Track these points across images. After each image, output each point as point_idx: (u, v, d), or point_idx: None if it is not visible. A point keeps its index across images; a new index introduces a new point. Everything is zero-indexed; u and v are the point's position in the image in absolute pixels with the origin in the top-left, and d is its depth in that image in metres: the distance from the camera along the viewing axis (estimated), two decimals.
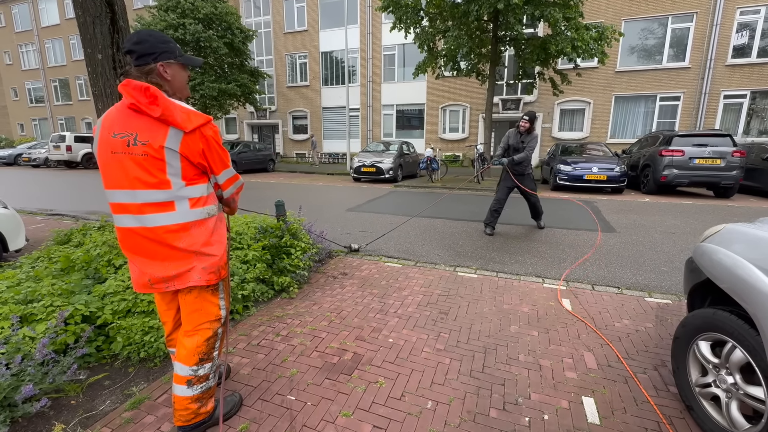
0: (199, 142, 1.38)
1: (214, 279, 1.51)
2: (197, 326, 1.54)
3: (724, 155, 8.68)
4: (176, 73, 1.44)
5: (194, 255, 1.46)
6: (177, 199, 1.40)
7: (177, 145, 1.34)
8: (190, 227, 1.44)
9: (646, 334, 2.56)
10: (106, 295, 2.45)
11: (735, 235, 1.73)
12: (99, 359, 2.23)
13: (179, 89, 1.47)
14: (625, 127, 16.81)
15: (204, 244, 1.47)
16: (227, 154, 1.52)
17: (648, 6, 15.63)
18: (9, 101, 32.92)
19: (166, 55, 1.38)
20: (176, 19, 14.96)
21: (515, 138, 5.14)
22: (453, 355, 2.29)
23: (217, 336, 1.58)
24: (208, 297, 1.55)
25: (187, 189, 1.42)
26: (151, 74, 1.36)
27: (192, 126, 1.35)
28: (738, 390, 1.54)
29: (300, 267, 3.31)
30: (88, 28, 2.91)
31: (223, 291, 1.61)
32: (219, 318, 1.58)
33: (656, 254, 4.38)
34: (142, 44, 1.35)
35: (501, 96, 17.87)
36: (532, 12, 10.08)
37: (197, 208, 1.45)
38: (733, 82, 15.02)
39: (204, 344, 1.53)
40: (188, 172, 1.41)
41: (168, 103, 1.34)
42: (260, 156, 16.84)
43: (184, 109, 1.37)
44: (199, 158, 1.41)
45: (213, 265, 1.50)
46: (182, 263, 1.44)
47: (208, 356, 1.55)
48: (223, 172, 1.52)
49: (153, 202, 1.37)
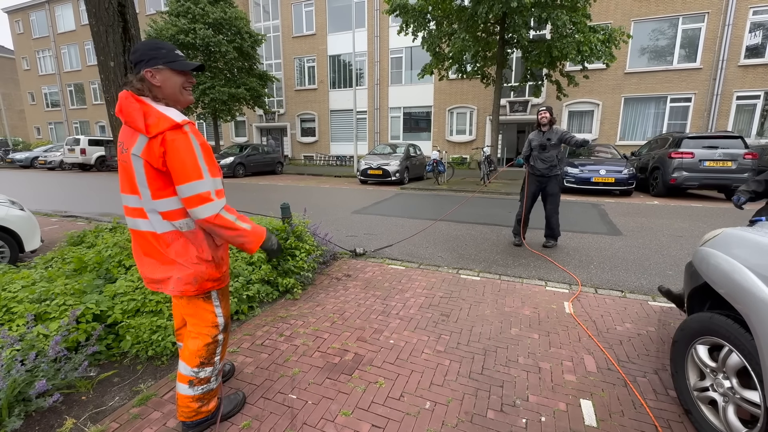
0: (162, 145, 1.31)
1: (190, 291, 1.49)
2: (197, 331, 1.59)
3: (736, 157, 8.55)
4: (167, 79, 1.41)
5: (174, 264, 1.47)
6: (147, 208, 1.42)
7: (140, 150, 1.33)
8: (167, 237, 1.45)
9: (647, 338, 2.55)
10: (117, 294, 2.53)
11: (733, 240, 1.74)
12: (109, 357, 2.31)
13: (171, 95, 1.44)
14: (634, 129, 16.61)
15: (179, 255, 1.46)
16: (198, 165, 1.36)
17: (658, 7, 15.46)
18: (26, 105, 33.82)
19: (153, 61, 1.38)
20: (187, 24, 15.25)
21: (538, 136, 4.61)
22: (453, 357, 2.32)
23: (217, 342, 1.61)
24: (201, 304, 1.56)
25: (154, 202, 1.40)
26: (143, 81, 1.39)
27: (156, 130, 1.30)
28: (735, 394, 1.54)
29: (304, 269, 3.37)
30: (101, 37, 3.02)
31: (219, 300, 1.61)
32: (216, 325, 1.60)
33: (662, 258, 4.35)
34: (135, 53, 1.40)
35: (508, 98, 17.81)
36: (539, 14, 10.06)
37: (169, 220, 1.43)
38: (747, 83, 14.76)
39: (204, 349, 1.57)
40: (155, 182, 1.36)
41: (131, 108, 1.33)
42: (268, 159, 17.02)
43: (158, 113, 1.33)
44: (160, 163, 1.33)
45: (188, 277, 1.46)
46: (165, 269, 1.48)
47: (209, 361, 1.59)
48: (187, 184, 1.34)
49: (135, 207, 1.45)
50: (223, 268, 1.59)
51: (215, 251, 1.55)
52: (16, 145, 28.98)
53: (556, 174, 4.59)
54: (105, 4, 2.94)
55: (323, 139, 23.07)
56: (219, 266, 1.56)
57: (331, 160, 22.54)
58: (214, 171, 1.43)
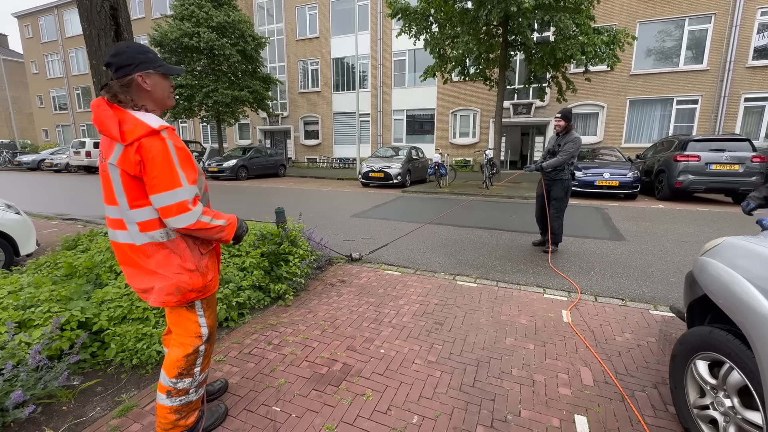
0: (138, 152, 1.28)
1: (171, 301, 1.46)
2: (180, 339, 1.55)
3: (743, 160, 8.38)
4: (157, 83, 1.41)
5: (155, 274, 1.43)
6: (126, 219, 1.39)
7: (117, 159, 1.30)
8: (146, 249, 1.41)
9: (648, 349, 2.47)
10: (104, 301, 2.49)
11: (734, 250, 1.65)
12: (93, 365, 2.26)
13: (161, 99, 1.45)
14: (640, 132, 16.42)
15: (161, 266, 1.43)
16: (175, 173, 1.32)
17: (664, 8, 15.29)
18: (35, 108, 34.27)
19: (144, 65, 1.37)
20: (191, 28, 15.34)
21: (552, 141, 4.64)
22: (444, 368, 2.25)
23: (198, 353, 1.56)
24: (184, 313, 1.54)
25: (131, 212, 1.36)
26: (129, 86, 1.36)
27: (132, 137, 1.27)
28: (736, 414, 1.46)
29: (297, 274, 3.31)
30: (94, 41, 3.00)
31: (203, 309, 1.57)
32: (200, 335, 1.56)
33: (666, 264, 4.24)
34: (119, 56, 1.35)
35: (512, 101, 17.70)
36: (542, 17, 9.98)
37: (147, 231, 1.39)
38: (755, 84, 14.53)
39: (183, 359, 1.53)
40: (132, 191, 1.34)
41: (105, 116, 1.30)
42: (272, 161, 17.04)
43: (134, 120, 1.30)
44: (137, 171, 1.29)
45: (169, 287, 1.43)
46: (147, 279, 1.45)
47: (188, 372, 1.55)
48: (163, 194, 1.30)
49: (115, 218, 1.42)
50: (208, 277, 1.54)
51: (200, 260, 1.50)
52: (24, 148, 29.36)
53: (561, 178, 4.52)
54: (97, 7, 2.93)
55: (326, 142, 23.09)
56: (204, 275, 1.51)
57: (334, 163, 22.55)
58: (191, 177, 1.39)
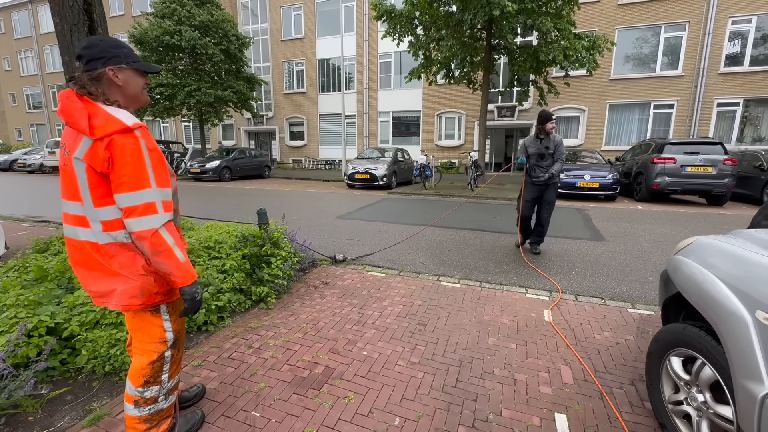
0: (108, 149, 1.22)
1: (135, 304, 1.37)
2: (142, 346, 1.48)
3: (716, 163, 8.69)
4: (129, 79, 1.36)
5: (117, 276, 1.36)
6: (90, 217, 1.32)
7: (83, 153, 1.24)
8: (109, 248, 1.34)
9: (626, 347, 2.52)
10: (75, 305, 2.40)
11: (706, 249, 1.70)
12: (63, 373, 2.17)
13: (133, 95, 1.39)
14: (619, 135, 16.87)
15: (124, 267, 1.35)
16: (146, 173, 1.26)
17: (641, 15, 15.77)
18: (7, 107, 32.95)
19: (117, 59, 1.32)
20: (172, 26, 15.03)
21: (535, 145, 4.44)
22: (427, 369, 2.24)
23: (164, 360, 1.49)
24: (148, 318, 1.45)
25: (97, 210, 1.30)
26: (100, 79, 1.30)
27: (103, 132, 1.22)
28: (708, 409, 1.49)
29: (279, 276, 3.26)
30: (66, 36, 2.90)
31: (168, 313, 1.49)
32: (164, 341, 1.48)
33: (643, 263, 4.35)
34: (91, 48, 1.30)
35: (496, 103, 17.95)
36: (525, 21, 10.16)
37: (111, 231, 1.33)
38: (726, 90, 15.11)
39: (148, 367, 1.46)
40: (98, 188, 1.27)
41: (73, 108, 1.24)
42: (256, 162, 16.82)
43: (106, 115, 1.25)
44: (104, 168, 1.24)
45: (133, 289, 1.36)
46: (108, 281, 1.37)
47: (155, 379, 1.48)
48: (130, 193, 1.24)
49: (76, 215, 1.35)
50: None
51: None
52: None
53: (555, 182, 4.47)
54: (69, 1, 2.83)
55: (312, 143, 22.94)
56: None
57: (319, 164, 22.42)
58: (162, 180, 1.34)
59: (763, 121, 15.15)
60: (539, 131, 4.43)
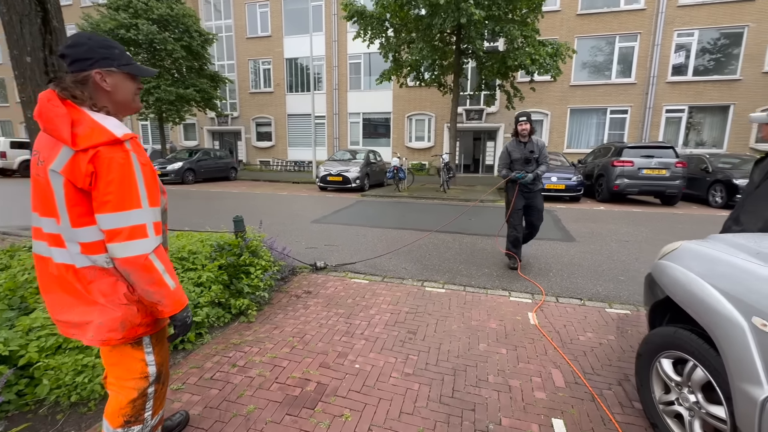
0: (92, 162, 1.07)
1: (114, 339, 1.21)
2: (120, 383, 1.31)
3: (669, 166, 9.34)
4: (119, 84, 1.21)
5: (95, 305, 1.19)
6: (66, 236, 1.16)
7: (62, 165, 1.08)
8: (87, 273, 1.18)
9: (609, 347, 2.60)
10: (32, 329, 2.15)
11: (692, 254, 1.77)
12: (21, 406, 1.93)
13: (123, 102, 1.24)
14: (579, 138, 17.76)
15: (104, 295, 1.19)
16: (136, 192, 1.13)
17: (598, 25, 16.70)
18: None
19: (106, 62, 1.17)
20: (128, 19, 14.13)
21: (519, 149, 4.19)
22: (422, 380, 2.20)
23: (146, 397, 1.33)
24: (128, 351, 1.28)
25: (75, 230, 1.14)
26: (85, 83, 1.15)
27: (87, 143, 1.07)
28: (700, 409, 1.55)
29: (260, 287, 3.11)
30: (15, 27, 2.62)
31: (152, 345, 1.33)
32: (146, 376, 1.32)
33: (613, 263, 4.56)
34: (76, 48, 1.14)
35: (465, 106, 18.35)
36: (493, 28, 10.44)
37: (91, 254, 1.17)
38: (673, 98, 16.32)
39: (128, 406, 1.30)
40: (77, 206, 1.12)
41: (54, 113, 1.08)
42: (221, 164, 16.17)
43: (92, 123, 1.10)
44: (86, 184, 1.08)
45: (113, 321, 1.19)
46: (83, 311, 1.20)
47: (136, 419, 1.32)
48: (112, 215, 1.10)
49: (50, 233, 1.18)
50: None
51: None
52: None
53: (540, 188, 4.28)
54: None
55: (280, 144, 22.39)
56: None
57: (288, 166, 21.93)
58: (154, 199, 1.20)
59: (704, 127, 16.50)
60: (518, 133, 4.16)
